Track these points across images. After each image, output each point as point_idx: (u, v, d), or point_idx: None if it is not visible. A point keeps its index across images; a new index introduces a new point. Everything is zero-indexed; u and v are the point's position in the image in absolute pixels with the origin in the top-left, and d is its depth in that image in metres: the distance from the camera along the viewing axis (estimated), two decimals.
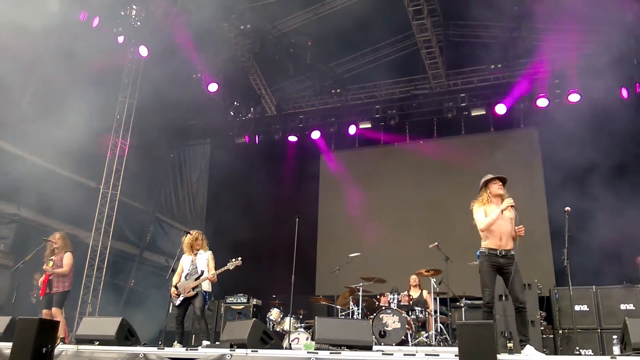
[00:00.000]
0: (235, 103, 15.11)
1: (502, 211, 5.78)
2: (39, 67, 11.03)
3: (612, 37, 10.83)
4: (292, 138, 14.68)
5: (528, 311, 8.24)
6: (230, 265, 7.40)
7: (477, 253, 5.97)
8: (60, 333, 7.19)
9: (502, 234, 5.77)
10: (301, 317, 9.81)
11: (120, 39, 11.81)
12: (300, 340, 8.87)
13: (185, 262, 7.70)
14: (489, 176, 6.12)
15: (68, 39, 10.54)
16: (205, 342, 7.06)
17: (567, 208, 6.17)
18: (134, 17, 12.25)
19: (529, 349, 5.51)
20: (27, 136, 10.88)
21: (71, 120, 11.47)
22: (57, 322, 5.54)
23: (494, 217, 5.77)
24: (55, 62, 10.69)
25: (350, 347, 5.55)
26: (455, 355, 4.40)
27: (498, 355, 4.01)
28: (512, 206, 5.79)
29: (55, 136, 11.22)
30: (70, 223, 11.39)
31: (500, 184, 6.04)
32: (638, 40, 10.73)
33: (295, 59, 13.16)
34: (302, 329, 9.19)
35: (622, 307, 8.46)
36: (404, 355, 4.83)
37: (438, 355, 4.59)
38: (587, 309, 8.57)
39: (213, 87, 13.61)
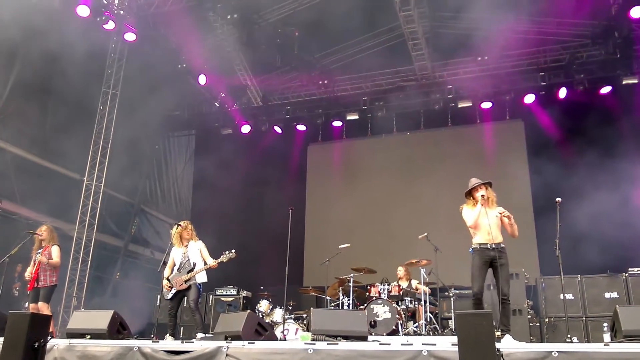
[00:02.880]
0: (221, 94, 14.97)
1: (482, 205, 6.21)
2: (19, 58, 10.80)
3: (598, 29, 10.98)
4: (278, 129, 14.59)
5: (515, 300, 8.48)
6: (225, 258, 7.35)
7: (470, 250, 6.34)
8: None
9: (489, 229, 6.15)
10: (290, 308, 9.82)
11: (106, 26, 11.55)
12: (290, 331, 8.88)
13: (176, 255, 7.61)
14: (473, 182, 6.48)
15: (50, 27, 10.30)
16: (199, 335, 7.03)
17: (558, 199, 6.25)
18: (117, 5, 12.03)
19: (507, 338, 5.79)
20: (8, 127, 10.66)
21: (53, 111, 11.30)
22: (49, 317, 5.47)
23: (476, 212, 6.22)
24: (37, 52, 10.49)
25: (346, 338, 5.58)
26: (453, 345, 4.44)
27: None
28: (484, 198, 6.26)
29: (37, 127, 11.04)
30: (54, 216, 11.21)
31: (485, 187, 6.40)
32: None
33: (282, 49, 13.06)
34: (291, 320, 9.19)
35: (607, 295, 8.67)
36: (402, 344, 4.85)
37: (435, 344, 4.63)
38: (573, 298, 8.74)
39: (202, 80, 13.43)
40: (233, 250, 7.37)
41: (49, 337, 5.00)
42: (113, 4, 11.92)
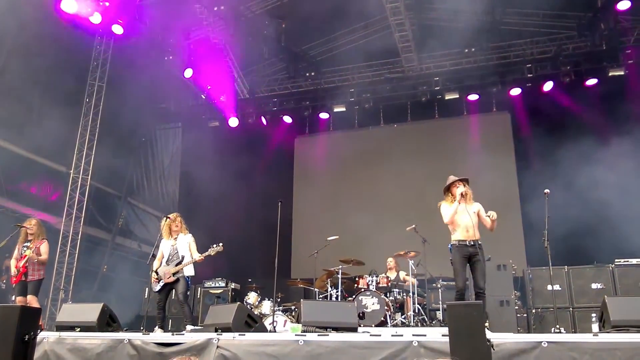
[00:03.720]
0: (208, 86, 14.88)
1: (459, 202, 6.41)
2: (4, 49, 10.66)
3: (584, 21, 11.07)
4: (265, 121, 14.53)
5: (502, 291, 8.59)
6: (212, 251, 7.36)
7: (449, 246, 6.56)
8: None
9: (467, 226, 6.39)
10: (279, 300, 9.86)
11: (93, 18, 11.42)
12: (279, 323, 8.91)
13: (165, 247, 7.61)
14: (451, 179, 6.67)
15: (36, 19, 10.18)
16: (189, 327, 7.03)
17: (547, 190, 6.33)
18: None
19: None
20: None
21: (39, 104, 11.18)
22: (39, 309, 5.45)
23: (453, 208, 6.42)
24: (22, 44, 10.37)
25: (336, 329, 5.62)
26: (443, 335, 4.50)
27: None
28: (463, 196, 6.43)
29: (23, 120, 10.91)
30: (40, 209, 11.12)
31: (462, 184, 6.57)
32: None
33: (269, 41, 13.01)
34: (280, 312, 9.23)
35: (593, 286, 8.76)
36: (392, 335, 4.91)
37: (426, 335, 4.68)
38: (560, 289, 8.84)
39: (189, 73, 13.35)
40: (220, 244, 7.39)
41: (39, 330, 4.97)
42: None
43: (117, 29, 11.84)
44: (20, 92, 10.73)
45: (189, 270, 7.39)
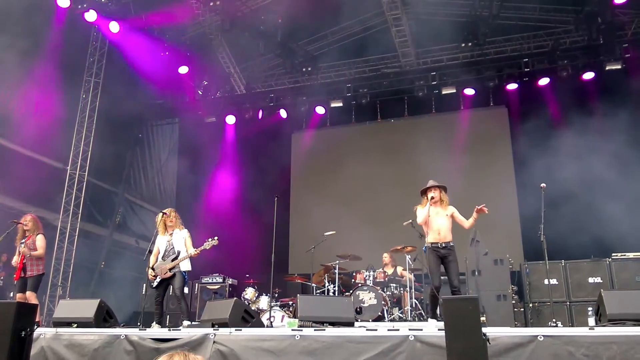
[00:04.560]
0: (204, 82, 14.86)
1: (431, 205, 6.87)
2: (0, 45, 10.62)
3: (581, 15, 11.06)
4: (262, 116, 14.48)
5: (499, 286, 8.61)
6: (207, 245, 7.34)
7: (424, 248, 7.05)
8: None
9: (439, 229, 6.82)
10: (276, 295, 9.86)
11: (88, 16, 11.41)
12: (277, 318, 8.92)
13: (160, 243, 7.60)
14: (429, 184, 7.08)
15: (32, 15, 10.15)
16: (185, 322, 7.03)
17: (543, 184, 6.35)
18: None
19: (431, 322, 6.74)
20: None
21: (35, 100, 11.15)
22: (36, 305, 5.43)
23: (424, 212, 6.89)
24: (18, 41, 10.32)
25: (333, 324, 5.63)
26: (439, 330, 4.51)
27: None
28: (433, 201, 6.89)
29: (19, 117, 10.88)
30: (38, 205, 11.09)
31: (438, 190, 7.00)
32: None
33: (265, 36, 12.95)
34: (277, 307, 9.24)
35: (590, 280, 8.80)
36: (388, 330, 4.91)
37: (422, 330, 4.69)
38: (557, 283, 8.86)
39: (183, 70, 13.35)
40: (216, 237, 7.37)
41: (35, 326, 4.97)
42: None
43: (114, 27, 11.82)
44: (15, 89, 10.69)
45: (186, 265, 7.39)
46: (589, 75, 11.72)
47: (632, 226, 9.49)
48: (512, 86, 12.44)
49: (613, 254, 8.95)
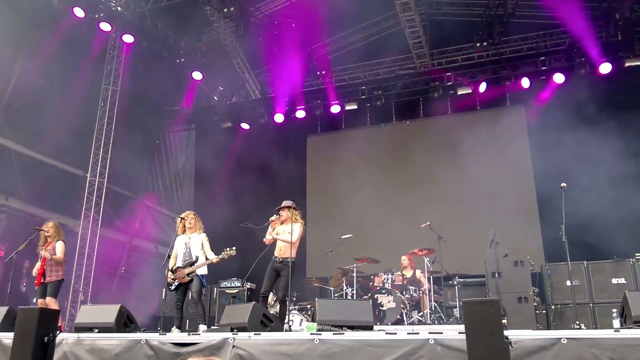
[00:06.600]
0: (220, 88, 14.97)
1: (272, 228, 7.61)
2: (21, 57, 10.82)
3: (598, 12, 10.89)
4: (278, 119, 14.51)
5: (521, 288, 8.47)
6: (225, 255, 7.38)
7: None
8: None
9: (280, 246, 7.56)
10: (294, 299, 9.86)
11: (103, 26, 11.57)
12: (295, 322, 8.91)
13: (178, 244, 7.63)
14: (283, 204, 7.74)
15: (50, 28, 10.34)
16: (202, 327, 7.07)
17: (563, 184, 6.25)
18: (113, 2, 12.02)
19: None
20: (12, 126, 10.69)
21: (56, 109, 11.34)
22: (58, 311, 5.50)
23: (269, 232, 7.58)
24: (38, 52, 10.52)
25: (352, 328, 5.60)
26: (460, 333, 4.46)
27: None
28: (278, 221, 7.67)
29: (40, 125, 11.07)
30: (59, 212, 11.26)
31: (286, 209, 7.68)
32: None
33: (279, 41, 13.02)
34: (296, 311, 9.24)
35: (614, 281, 8.61)
36: (408, 333, 4.87)
37: (442, 333, 4.64)
38: (579, 284, 8.70)
39: (197, 76, 13.45)
40: (234, 248, 7.42)
41: (58, 332, 5.03)
42: (110, 1, 11.91)
43: (128, 38, 12.01)
44: (35, 98, 10.87)
45: (202, 269, 7.43)
46: (606, 68, 11.45)
47: None
48: (528, 85, 12.29)
49: (637, 254, 8.76)
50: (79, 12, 11.02)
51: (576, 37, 11.48)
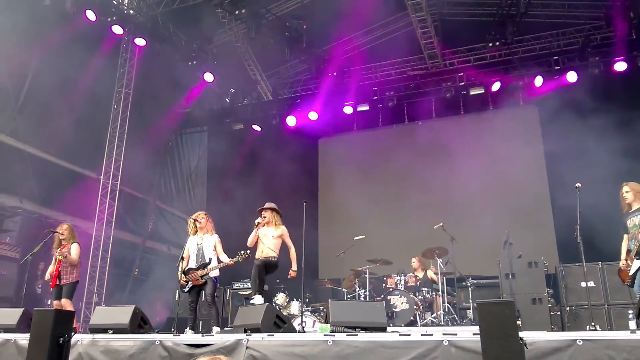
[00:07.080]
0: (231, 90, 15.01)
1: (256, 230, 7.71)
2: (34, 60, 10.93)
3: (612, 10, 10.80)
4: (290, 122, 14.53)
5: (535, 289, 8.39)
6: (239, 258, 7.36)
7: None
8: None
9: (262, 247, 7.63)
10: (307, 300, 9.86)
11: (116, 29, 11.67)
12: (308, 323, 8.91)
13: (191, 245, 7.63)
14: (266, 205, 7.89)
15: (63, 32, 10.44)
16: (215, 328, 7.08)
17: (578, 184, 6.18)
18: (126, 5, 12.12)
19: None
20: (26, 129, 10.81)
21: (69, 112, 11.45)
22: (73, 312, 5.53)
23: (252, 234, 7.71)
24: (51, 55, 10.62)
25: (365, 329, 5.59)
26: (474, 334, 4.43)
27: None
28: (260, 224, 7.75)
29: (53, 128, 11.19)
30: (72, 214, 11.36)
31: (267, 211, 7.85)
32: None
33: (291, 43, 13.02)
34: (308, 313, 9.23)
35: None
36: (422, 335, 4.85)
37: (456, 334, 4.61)
38: (594, 285, 8.60)
39: (209, 77, 13.49)
40: (248, 251, 7.42)
41: (73, 333, 5.07)
42: (122, 4, 12.01)
43: (140, 42, 12.10)
44: (50, 100, 10.99)
45: (214, 271, 7.45)
46: (621, 66, 11.32)
47: None
48: (539, 83, 12.19)
49: None
50: (91, 15, 11.12)
51: (590, 35, 11.38)
